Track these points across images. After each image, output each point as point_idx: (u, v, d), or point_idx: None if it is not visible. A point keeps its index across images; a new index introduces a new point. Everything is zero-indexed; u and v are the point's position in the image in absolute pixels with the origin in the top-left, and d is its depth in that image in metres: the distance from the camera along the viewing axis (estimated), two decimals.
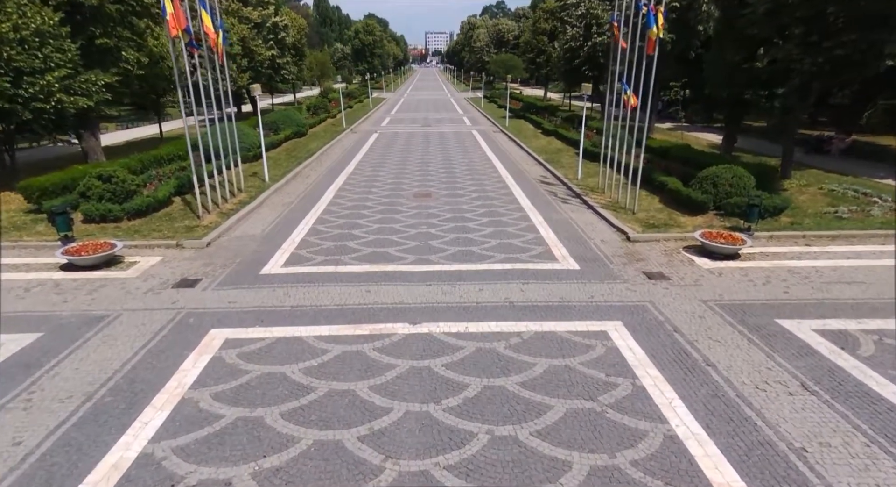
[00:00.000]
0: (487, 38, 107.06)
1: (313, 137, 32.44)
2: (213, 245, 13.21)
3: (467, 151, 28.11)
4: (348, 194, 18.66)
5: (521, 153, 27.59)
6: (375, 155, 26.94)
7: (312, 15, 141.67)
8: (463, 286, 10.65)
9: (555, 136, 31.88)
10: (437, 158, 25.70)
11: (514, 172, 22.45)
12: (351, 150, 28.58)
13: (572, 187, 19.22)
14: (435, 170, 23.00)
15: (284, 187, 19.89)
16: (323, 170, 23.20)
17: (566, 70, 38.49)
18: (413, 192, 18.98)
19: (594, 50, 35.19)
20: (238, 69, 33.53)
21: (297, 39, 51.74)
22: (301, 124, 32.10)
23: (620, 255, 12.47)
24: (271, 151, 26.67)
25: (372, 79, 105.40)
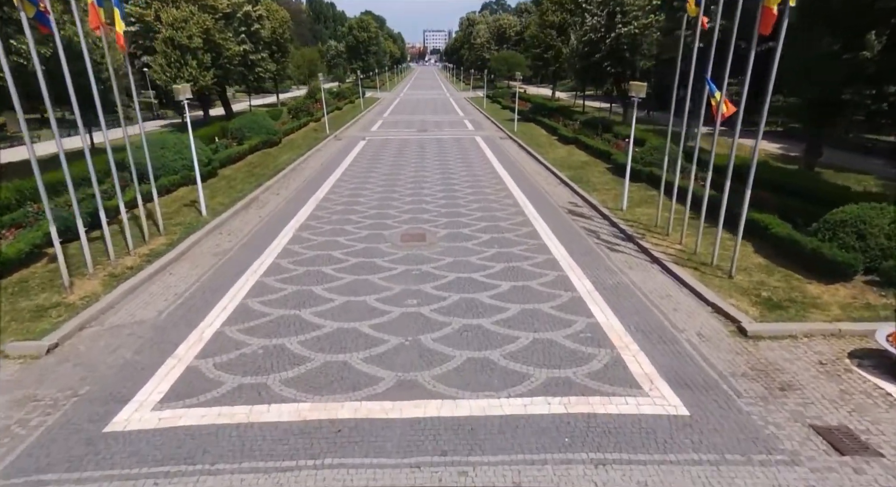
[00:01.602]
0: (488, 34, 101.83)
1: (287, 147, 27.25)
2: (62, 350, 8.04)
3: (471, 165, 22.96)
4: (311, 236, 13.51)
5: (536, 167, 22.44)
6: (358, 171, 21.78)
7: (305, 11, 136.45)
8: (482, 472, 5.52)
9: (576, 144, 26.71)
10: (433, 176, 20.54)
11: (534, 197, 17.30)
12: (329, 164, 23.42)
13: (618, 223, 14.04)
14: (431, 194, 17.84)
15: (228, 222, 14.72)
16: (287, 194, 18.03)
17: (583, 66, 33.32)
18: (401, 231, 13.83)
19: (618, 42, 30.02)
20: (199, 66, 28.34)
21: (280, 34, 46.57)
22: (272, 131, 26.93)
23: (745, 373, 7.33)
24: (228, 168, 21.49)
25: (367, 77, 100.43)
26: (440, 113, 46.27)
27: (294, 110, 37.44)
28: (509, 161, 23.81)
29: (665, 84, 43.00)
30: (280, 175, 20.57)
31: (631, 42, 30.04)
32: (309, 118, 36.84)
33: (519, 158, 24.76)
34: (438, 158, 24.28)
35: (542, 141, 28.94)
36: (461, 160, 23.86)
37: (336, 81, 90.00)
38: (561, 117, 34.20)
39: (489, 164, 23.07)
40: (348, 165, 22.83)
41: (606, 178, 19.49)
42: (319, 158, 24.71)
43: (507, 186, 18.88)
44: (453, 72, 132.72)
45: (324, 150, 27.30)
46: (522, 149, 27.04)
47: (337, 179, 20.01)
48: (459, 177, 20.32)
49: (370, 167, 22.38)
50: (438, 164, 22.99)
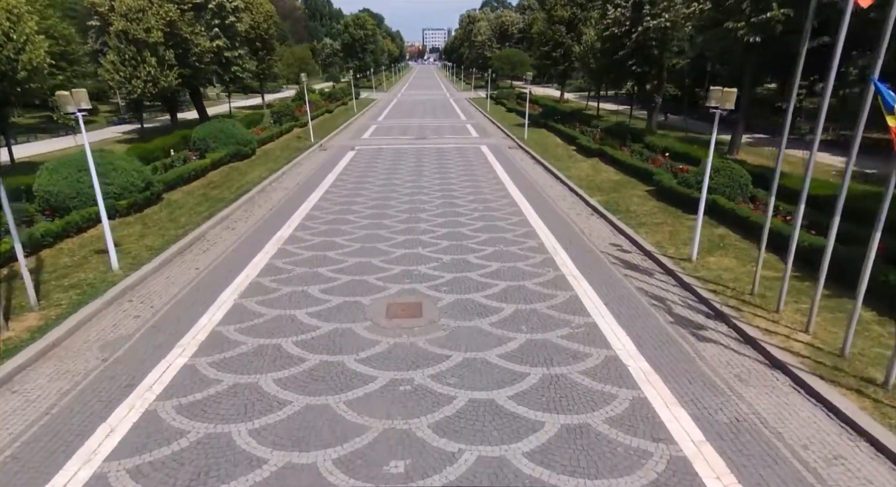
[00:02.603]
0: (490, 31, 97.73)
1: (261, 160, 23.21)
2: None
3: (478, 184, 18.93)
4: (259, 306, 9.49)
5: (559, 189, 18.43)
6: (340, 194, 17.77)
7: (301, 8, 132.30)
8: None
9: (600, 158, 22.69)
10: (433, 202, 16.52)
11: (564, 235, 13.29)
12: (307, 183, 19.39)
13: (692, 286, 9.94)
14: (430, 229, 13.83)
15: (148, 281, 10.66)
16: (245, 229, 14.00)
17: (603, 65, 29.27)
18: (387, 298, 9.81)
19: (645, 37, 25.99)
20: (160, 64, 24.28)
21: (264, 29, 42.52)
22: (244, 141, 22.88)
23: None
24: (179, 190, 17.44)
25: (363, 77, 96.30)
26: (440, 116, 42.21)
27: (277, 114, 33.39)
28: (524, 179, 19.78)
29: (697, 85, 38.98)
30: (243, 200, 16.54)
31: (660, 37, 26.01)
32: (293, 123, 32.79)
33: (535, 174, 20.73)
34: (439, 176, 20.24)
35: (559, 152, 24.90)
36: (466, 178, 19.82)
37: (331, 80, 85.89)
38: (577, 123, 30.19)
39: (500, 183, 19.04)
40: (329, 186, 18.80)
41: (650, 205, 15.47)
42: (296, 176, 20.65)
43: (527, 217, 14.86)
44: (453, 71, 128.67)
45: (304, 164, 23.24)
46: (538, 163, 22.99)
47: (311, 207, 15.98)
48: (465, 202, 16.29)
49: (356, 189, 18.35)
50: (439, 184, 18.94)
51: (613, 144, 23.16)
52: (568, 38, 48.92)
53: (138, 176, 14.47)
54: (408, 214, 15.20)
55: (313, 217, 14.94)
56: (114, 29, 23.03)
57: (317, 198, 17.09)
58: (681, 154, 19.16)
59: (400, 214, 15.19)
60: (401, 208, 15.82)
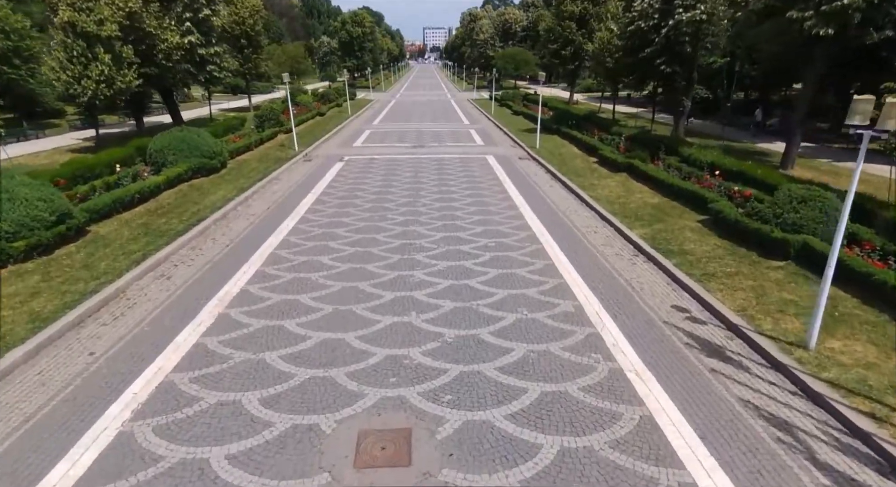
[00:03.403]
0: (492, 29, 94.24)
1: (232, 175, 19.81)
2: None
3: (488, 210, 15.51)
4: (164, 445, 6.10)
5: (586, 215, 15.02)
6: (317, 224, 14.38)
7: (297, 5, 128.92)
8: None
9: (629, 173, 19.26)
10: (432, 239, 13.11)
11: (608, 292, 9.88)
12: (278, 209, 15.99)
13: (838, 408, 6.49)
14: (426, 286, 10.43)
15: (12, 380, 7.26)
16: (184, 280, 10.59)
17: (627, 64, 25.84)
18: (360, 411, 6.42)
19: (677, 32, 22.55)
20: (115, 62, 20.87)
21: (250, 25, 39.13)
22: (211, 153, 19.46)
23: None
24: (115, 219, 14.01)
25: (361, 76, 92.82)
26: (440, 120, 38.77)
27: (261, 119, 29.95)
28: (542, 201, 16.37)
29: (718, 86, 35.50)
30: (194, 232, 13.13)
31: (695, 31, 22.59)
32: (278, 129, 29.36)
33: (554, 195, 17.31)
34: (439, 199, 16.83)
35: (579, 165, 21.47)
36: (473, 201, 16.41)
37: (327, 80, 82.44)
38: (595, 129, 26.78)
39: (514, 208, 15.63)
40: (306, 211, 15.39)
41: (710, 244, 12.04)
42: (269, 197, 17.24)
43: (553, 260, 11.45)
44: (453, 70, 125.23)
45: (282, 180, 19.82)
46: (555, 179, 19.57)
47: (277, 244, 12.57)
48: (472, 236, 12.89)
49: (337, 216, 14.94)
50: (440, 211, 15.52)
51: (643, 156, 19.76)
52: (578, 35, 45.55)
53: (46, 207, 11.07)
54: (399, 255, 11.81)
55: (277, 260, 11.54)
56: (58, 20, 19.60)
57: (287, 229, 13.68)
58: (734, 172, 15.74)
59: (389, 255, 11.79)
60: (390, 245, 12.42)
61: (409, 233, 13.26)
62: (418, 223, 14.09)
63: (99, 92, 20.56)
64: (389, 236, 13.01)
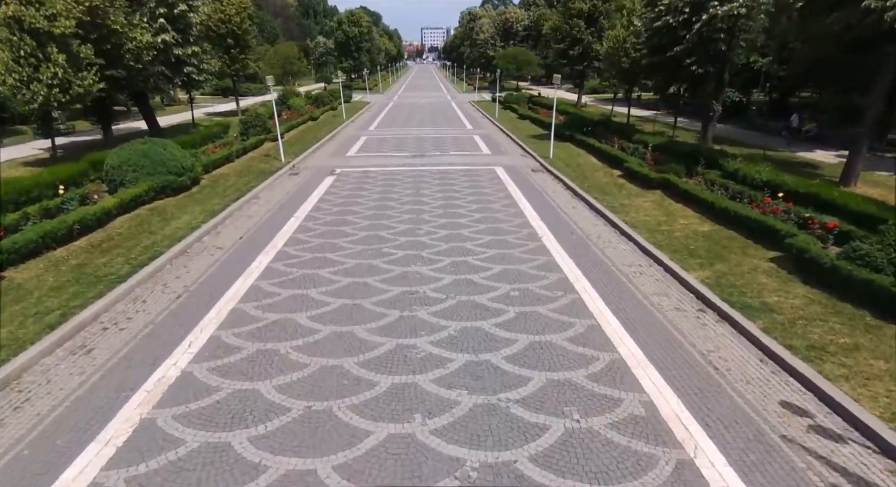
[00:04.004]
0: (493, 29, 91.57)
1: (204, 193, 17.15)
2: None
3: (506, 243, 12.85)
4: None
5: (624, 248, 12.37)
6: (296, 263, 11.73)
7: (293, 5, 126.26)
8: None
9: (663, 190, 16.63)
10: (439, 282, 10.47)
11: (680, 371, 7.25)
12: (252, 240, 13.32)
13: None
14: (431, 363, 7.79)
15: None
16: (106, 357, 7.92)
17: (653, 64, 23.21)
18: None
19: (711, 28, 19.93)
20: (72, 64, 18.21)
21: (237, 23, 36.45)
22: (179, 168, 16.79)
23: None
24: (41, 259, 11.29)
25: (358, 77, 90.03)
26: (442, 125, 36.12)
27: (246, 125, 27.28)
28: (566, 227, 13.73)
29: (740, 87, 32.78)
30: (140, 276, 10.46)
31: (731, 27, 19.99)
32: (264, 137, 26.70)
33: (580, 218, 14.68)
34: (445, 223, 14.17)
35: (602, 180, 18.83)
36: (485, 227, 13.75)
37: (323, 81, 79.71)
38: (614, 137, 24.16)
39: (535, 236, 12.98)
40: (285, 243, 12.73)
41: (799, 296, 9.34)
42: (244, 223, 14.56)
43: (598, 319, 8.80)
44: (452, 70, 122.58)
45: (262, 199, 17.16)
46: (577, 196, 16.93)
47: (242, 297, 9.91)
48: (487, 281, 10.25)
49: (322, 251, 12.29)
50: (446, 241, 12.87)
51: (677, 170, 17.15)
52: (587, 33, 42.94)
53: None
54: (398, 311, 9.17)
55: (239, 320, 8.88)
56: (1, 13, 16.93)
57: (258, 270, 11.03)
58: (800, 194, 13.12)
59: (385, 312, 9.14)
60: (387, 295, 9.79)
61: (410, 277, 10.62)
62: (421, 261, 11.44)
63: (52, 97, 17.89)
64: (385, 282, 10.36)
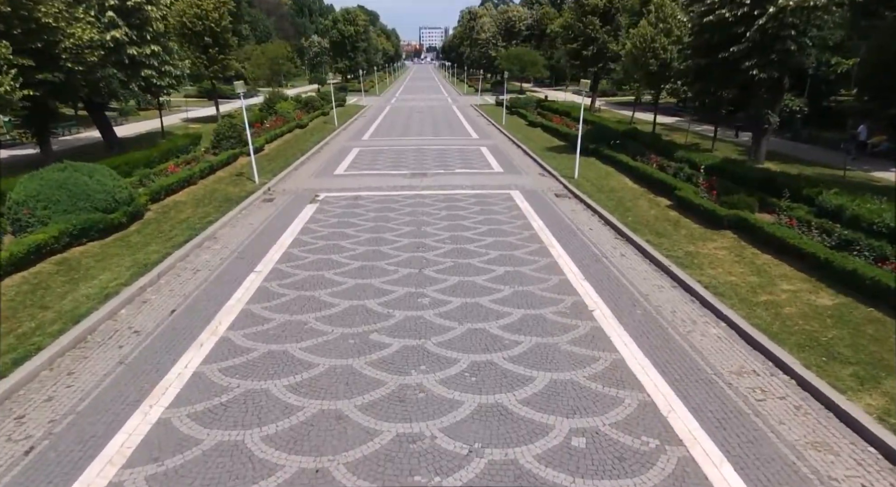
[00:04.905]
0: (494, 28, 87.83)
1: (142, 236, 13.32)
2: None
3: (544, 320, 9.12)
4: None
5: (714, 332, 8.61)
6: (249, 355, 7.97)
7: (287, 3, 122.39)
8: None
9: (738, 232, 12.84)
10: (456, 409, 6.72)
11: None
12: (198, 303, 9.55)
13: None
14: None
15: None
16: None
17: (701, 67, 19.43)
18: None
19: (777, 24, 16.22)
20: None
21: (214, 20, 32.59)
22: (111, 203, 13.00)
23: None
24: None
25: (354, 78, 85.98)
26: (444, 134, 32.34)
27: (217, 136, 23.50)
28: (625, 293, 9.99)
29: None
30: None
31: (803, 22, 16.29)
32: (239, 151, 22.91)
33: (636, 275, 10.93)
34: (457, 284, 10.40)
35: (647, 213, 15.07)
36: (511, 291, 9.99)
37: (316, 82, 75.76)
38: (652, 153, 20.43)
39: (583, 310, 9.23)
40: (232, 322, 8.94)
41: None
42: (183, 281, 10.74)
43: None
44: (452, 71, 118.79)
45: (220, 240, 13.35)
46: (622, 237, 13.16)
47: (144, 436, 6.14)
48: (523, 395, 6.51)
49: (279, 343, 8.51)
50: (458, 313, 9.12)
51: (749, 203, 13.43)
52: (603, 32, 39.25)
53: None
54: (396, 474, 5.42)
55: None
56: None
57: (181, 382, 7.24)
58: None
59: (368, 466, 5.39)
60: (374, 445, 6.01)
61: (410, 395, 6.85)
62: (425, 357, 7.69)
63: None
64: (372, 410, 6.58)
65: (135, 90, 20.85)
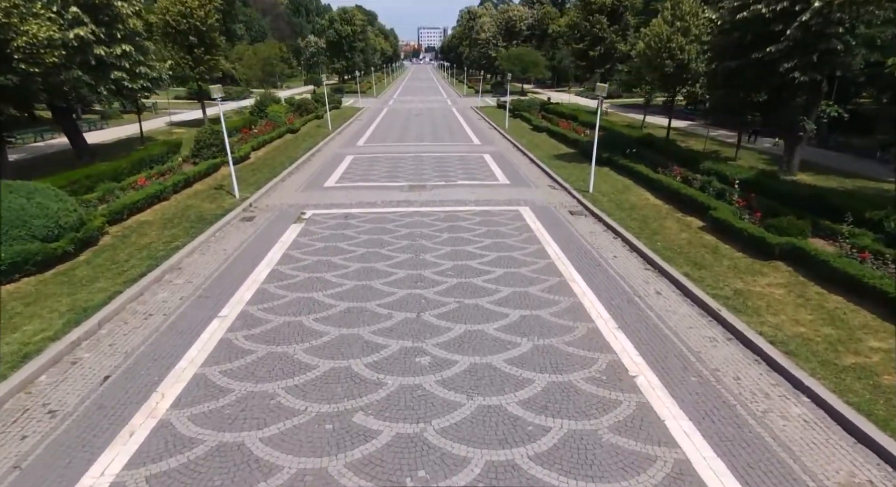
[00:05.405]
0: (495, 28, 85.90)
1: (92, 267, 11.34)
2: None
3: (573, 388, 7.21)
4: None
5: (797, 411, 6.69)
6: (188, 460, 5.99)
7: (283, 2, 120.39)
8: None
9: (791, 263, 10.89)
10: None
11: None
12: (141, 360, 7.60)
13: None
14: None
15: None
16: None
17: (731, 70, 17.47)
18: None
19: (823, 21, 14.31)
20: None
21: (199, 18, 30.66)
22: (54, 229, 11.04)
23: None
24: None
25: (351, 78, 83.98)
26: (444, 140, 30.39)
27: (198, 144, 21.54)
28: (670, 350, 8.07)
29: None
30: None
31: (851, 18, 14.38)
32: (220, 159, 20.90)
33: (679, 321, 9.00)
34: (462, 329, 8.48)
35: (678, 236, 13.13)
36: (528, 345, 8.07)
37: (312, 83, 73.75)
38: (674, 164, 18.51)
39: (621, 375, 7.32)
40: (184, 390, 6.98)
41: None
42: (133, 329, 8.73)
43: None
44: (451, 71, 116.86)
45: (185, 271, 11.39)
46: (653, 267, 11.23)
47: None
48: None
49: (233, 435, 6.56)
50: (468, 386, 7.19)
51: (801, 228, 11.52)
52: (611, 31, 37.37)
53: None
54: None
55: None
56: None
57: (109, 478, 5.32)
58: None
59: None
60: None
61: None
62: (425, 456, 5.73)
63: None
64: None
65: (104, 94, 18.83)
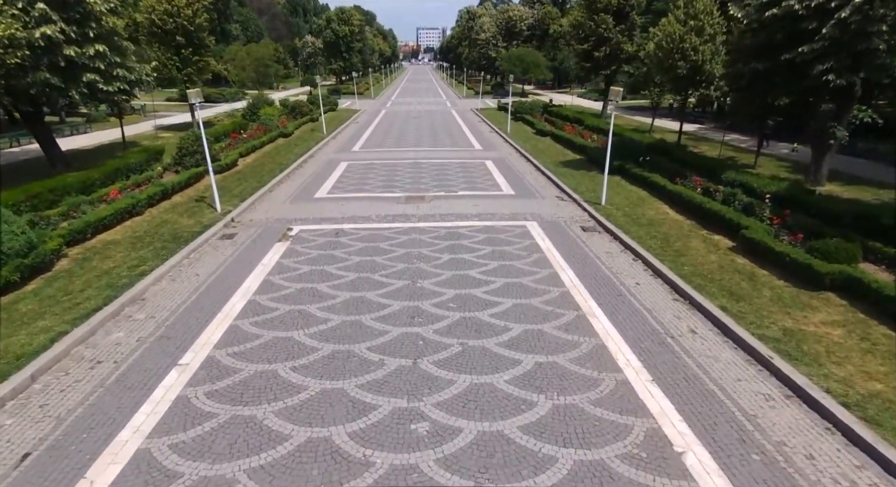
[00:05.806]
0: (495, 28, 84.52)
1: (34, 304, 9.88)
2: None
3: (601, 469, 5.80)
4: None
5: None
6: None
7: (280, 2, 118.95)
8: None
9: (843, 293, 9.47)
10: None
11: None
12: (55, 448, 6.15)
13: None
14: None
15: None
16: None
17: (757, 73, 16.05)
18: None
19: (862, 19, 12.92)
20: None
21: (187, 17, 29.22)
22: (4, 253, 9.59)
23: None
24: None
25: (349, 79, 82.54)
26: (444, 145, 28.95)
27: (181, 152, 20.10)
28: (721, 415, 6.66)
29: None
30: None
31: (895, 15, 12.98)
32: (205, 168, 19.42)
33: (723, 372, 7.59)
34: (468, 382, 7.06)
35: (707, 259, 11.71)
36: (553, 418, 6.67)
37: (309, 84, 72.32)
38: (694, 175, 17.11)
39: (671, 456, 5.90)
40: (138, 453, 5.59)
41: None
42: (62, 392, 7.28)
43: None
44: (450, 72, 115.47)
45: (147, 303, 9.94)
46: (682, 298, 9.81)
47: None
48: None
49: None
50: (474, 448, 5.76)
51: (852, 253, 10.12)
52: (616, 31, 35.99)
53: None
54: None
55: None
56: None
57: None
58: None
59: None
60: None
61: None
62: None
63: None
64: None
65: (75, 98, 17.40)
